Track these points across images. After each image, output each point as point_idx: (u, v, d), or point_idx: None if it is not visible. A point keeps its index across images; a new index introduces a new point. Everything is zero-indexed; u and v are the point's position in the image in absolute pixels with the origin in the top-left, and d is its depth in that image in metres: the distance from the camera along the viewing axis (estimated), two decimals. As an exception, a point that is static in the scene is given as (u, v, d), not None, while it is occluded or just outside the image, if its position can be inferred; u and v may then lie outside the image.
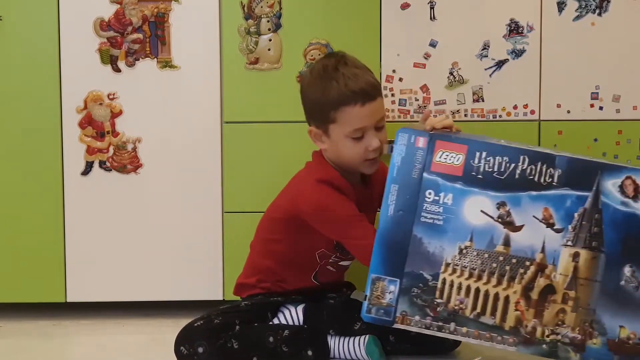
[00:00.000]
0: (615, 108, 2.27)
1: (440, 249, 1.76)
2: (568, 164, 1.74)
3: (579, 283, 1.74)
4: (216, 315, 1.94)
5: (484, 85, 2.26)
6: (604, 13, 2.25)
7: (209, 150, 2.28)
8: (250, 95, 2.25)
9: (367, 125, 1.93)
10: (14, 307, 2.35)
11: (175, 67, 2.26)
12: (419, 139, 1.78)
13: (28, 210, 2.27)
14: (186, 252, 2.30)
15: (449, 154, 1.77)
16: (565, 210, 1.74)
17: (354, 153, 1.95)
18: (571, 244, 1.74)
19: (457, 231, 1.76)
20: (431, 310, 1.77)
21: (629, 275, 1.74)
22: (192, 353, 1.89)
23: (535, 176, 1.75)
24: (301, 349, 1.93)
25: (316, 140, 2.01)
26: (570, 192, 1.74)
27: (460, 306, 1.76)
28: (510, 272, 1.75)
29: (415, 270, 1.77)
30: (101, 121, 2.26)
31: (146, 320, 2.32)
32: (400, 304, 1.77)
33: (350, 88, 1.91)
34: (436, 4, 2.25)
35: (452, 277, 1.76)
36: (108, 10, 2.24)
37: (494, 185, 1.75)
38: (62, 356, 2.13)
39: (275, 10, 2.24)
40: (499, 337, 1.76)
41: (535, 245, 1.75)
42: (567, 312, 1.75)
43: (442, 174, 1.76)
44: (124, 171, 2.28)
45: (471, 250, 1.76)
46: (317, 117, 1.98)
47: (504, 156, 1.75)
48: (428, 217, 1.77)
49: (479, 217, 1.76)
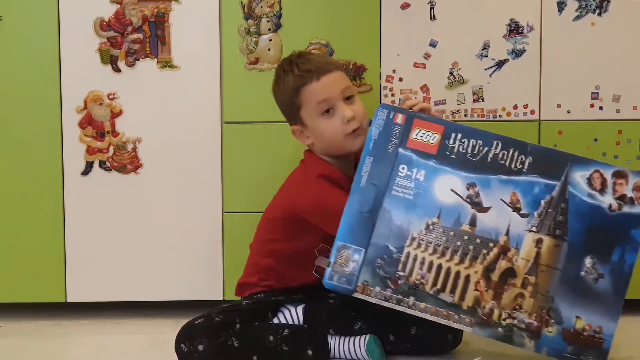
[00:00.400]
0: (615, 108, 2.27)
1: (408, 222, 1.81)
2: (539, 152, 1.80)
3: (540, 269, 1.78)
4: (217, 314, 1.94)
5: (484, 85, 2.27)
6: (604, 13, 2.25)
7: (209, 150, 2.28)
8: (250, 95, 2.25)
9: (330, 97, 1.98)
10: (14, 307, 2.35)
11: (175, 67, 2.26)
12: (397, 115, 1.84)
13: (28, 210, 2.27)
14: (186, 252, 2.30)
15: (425, 132, 1.82)
16: (532, 197, 1.79)
17: (332, 129, 1.98)
18: (535, 230, 1.79)
19: (426, 207, 1.81)
20: (392, 283, 1.81)
21: (590, 267, 1.78)
22: (193, 351, 1.89)
23: (507, 161, 1.80)
24: (301, 348, 1.93)
25: (300, 138, 2.05)
26: (539, 179, 1.79)
27: (421, 281, 1.80)
28: (473, 252, 1.80)
29: (381, 242, 1.81)
30: (101, 121, 2.26)
31: (146, 320, 2.32)
32: (362, 273, 1.81)
33: (302, 69, 1.99)
34: (436, 4, 2.25)
35: (416, 251, 1.81)
36: (108, 10, 2.24)
37: (466, 166, 1.81)
38: (62, 356, 2.13)
39: (275, 10, 2.24)
40: (456, 316, 1.80)
41: (500, 227, 1.79)
42: (525, 297, 1.78)
43: (417, 151, 1.82)
44: (124, 171, 2.28)
45: (437, 227, 1.80)
46: (290, 112, 2.04)
47: (479, 139, 1.82)
48: (399, 191, 1.81)
49: (449, 195, 1.81)
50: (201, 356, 1.89)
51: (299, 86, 1.98)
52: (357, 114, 1.99)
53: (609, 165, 1.81)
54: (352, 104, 2.00)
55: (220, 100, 2.27)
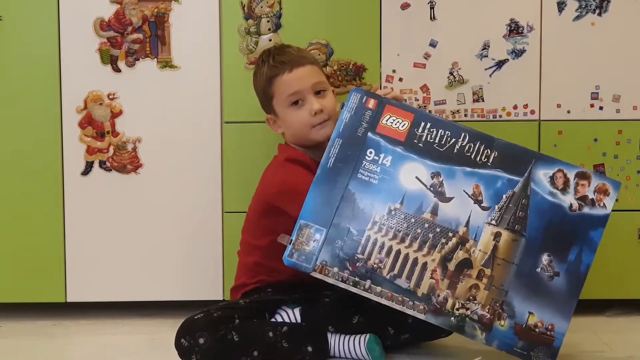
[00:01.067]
0: (615, 108, 2.27)
1: (371, 206, 1.83)
2: (505, 148, 1.83)
3: (496, 262, 1.81)
4: (215, 310, 1.95)
5: (484, 85, 2.27)
6: (604, 13, 2.25)
7: (209, 150, 2.28)
8: (250, 95, 2.25)
9: (300, 89, 2.04)
10: (14, 307, 2.35)
11: (175, 67, 2.26)
12: (370, 100, 1.86)
13: (28, 210, 2.27)
14: (186, 252, 2.30)
15: (396, 119, 1.85)
16: (494, 190, 1.82)
17: (300, 120, 2.04)
18: (495, 223, 1.81)
19: (389, 192, 1.83)
20: (350, 265, 1.82)
21: (546, 264, 1.80)
22: (193, 345, 1.89)
23: (473, 154, 1.83)
24: (301, 344, 1.93)
25: (273, 127, 2.11)
26: (503, 174, 1.82)
27: (379, 265, 1.82)
28: (432, 240, 1.82)
29: (343, 223, 1.83)
30: (101, 121, 2.26)
31: (146, 320, 2.32)
32: (322, 253, 1.83)
33: (277, 60, 2.05)
34: (436, 4, 2.25)
35: (376, 235, 1.83)
36: (108, 10, 2.24)
37: (432, 155, 1.83)
38: (62, 356, 2.13)
39: (275, 10, 2.24)
40: (410, 302, 1.81)
41: (461, 218, 1.82)
42: (479, 289, 1.80)
43: (386, 137, 1.84)
44: (124, 171, 2.28)
45: (399, 213, 1.82)
46: (264, 101, 2.10)
47: (447, 130, 1.84)
48: (365, 175, 1.83)
49: (413, 182, 1.83)
50: (202, 349, 1.89)
51: (272, 76, 2.05)
52: (326, 107, 2.05)
53: (572, 166, 1.82)
54: (323, 98, 2.06)
55: (220, 100, 2.27)
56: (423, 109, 2.26)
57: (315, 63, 2.10)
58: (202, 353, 1.89)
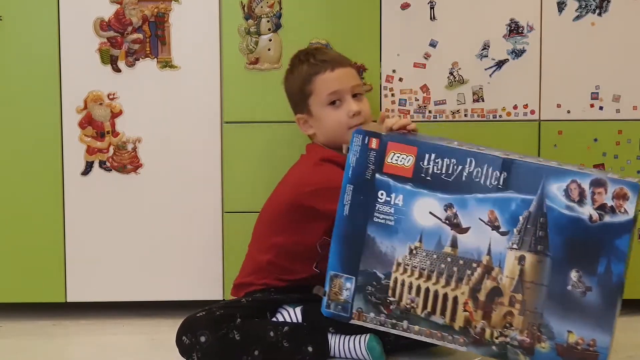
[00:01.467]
0: (615, 108, 2.27)
1: (392, 248, 1.80)
2: (513, 167, 1.75)
3: (526, 286, 1.75)
4: (218, 308, 1.96)
5: (484, 85, 2.26)
6: (604, 13, 2.25)
7: (209, 150, 2.28)
8: (250, 95, 2.25)
9: (341, 89, 2.05)
10: (14, 307, 2.35)
11: (175, 67, 2.26)
12: (372, 140, 1.82)
13: (28, 210, 2.27)
14: (186, 252, 2.30)
15: (400, 156, 1.81)
16: (510, 213, 1.75)
17: (336, 121, 2.04)
18: (517, 247, 1.75)
19: (407, 232, 1.80)
20: (385, 308, 1.81)
21: (576, 280, 1.73)
22: (195, 342, 1.89)
23: (482, 179, 1.77)
24: (302, 344, 1.94)
25: (304, 127, 2.11)
26: (515, 195, 1.75)
27: (411, 305, 1.80)
28: (458, 273, 1.78)
29: (369, 269, 1.81)
30: (101, 121, 2.26)
31: (146, 320, 2.32)
32: (356, 300, 1.82)
33: (319, 58, 2.07)
34: (436, 4, 2.25)
35: (403, 276, 1.80)
36: (108, 10, 2.24)
37: (442, 187, 1.78)
38: (62, 356, 2.13)
39: (275, 10, 2.24)
40: (449, 337, 1.79)
41: (482, 247, 1.77)
42: (514, 315, 1.76)
43: (394, 175, 1.80)
44: (124, 171, 2.28)
45: (421, 251, 1.79)
46: (298, 99, 2.10)
47: (452, 158, 1.78)
48: (380, 218, 1.81)
49: (428, 218, 1.79)
50: (203, 348, 1.89)
51: (313, 74, 2.06)
52: (363, 111, 2.06)
53: (585, 174, 1.72)
54: (360, 101, 2.07)
55: (220, 100, 2.27)
56: (423, 108, 2.26)
57: (353, 67, 2.13)
58: (203, 351, 1.89)
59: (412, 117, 2.27)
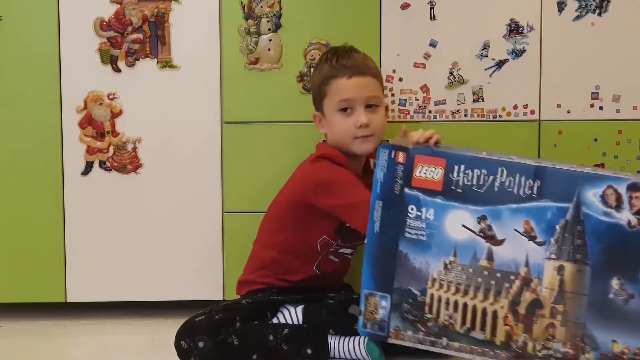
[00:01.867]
0: (615, 108, 2.27)
1: (426, 264, 1.77)
2: (547, 175, 1.71)
3: (566, 297, 1.71)
4: (217, 312, 1.95)
5: (484, 85, 2.26)
6: (604, 13, 2.25)
7: (209, 150, 2.27)
8: (250, 95, 2.25)
9: (353, 98, 2.02)
10: (14, 307, 2.35)
11: (175, 67, 2.26)
12: (399, 154, 1.79)
13: (28, 210, 2.27)
14: (186, 252, 2.30)
15: (428, 169, 1.77)
16: (546, 223, 1.71)
17: (344, 128, 2.03)
18: (555, 257, 1.71)
19: (440, 246, 1.76)
20: (422, 326, 1.78)
21: (617, 288, 1.69)
22: (192, 347, 1.89)
23: (514, 188, 1.72)
24: (301, 347, 1.93)
25: (318, 125, 2.11)
26: (551, 203, 1.71)
27: (449, 321, 1.77)
28: (495, 287, 1.74)
29: (404, 286, 1.78)
30: (101, 121, 2.26)
31: (146, 320, 2.32)
32: (392, 319, 1.79)
33: (341, 63, 2.04)
34: (436, 3, 2.24)
35: (439, 292, 1.77)
36: (108, 10, 2.24)
37: (473, 198, 1.74)
38: (62, 356, 2.13)
39: (275, 10, 2.24)
40: (491, 352, 1.75)
41: (519, 258, 1.73)
42: (556, 327, 1.72)
43: (423, 189, 1.77)
44: (124, 171, 2.28)
45: (455, 265, 1.76)
46: (316, 97, 2.10)
47: (482, 169, 1.74)
48: (412, 233, 1.77)
49: (461, 231, 1.75)
50: (201, 353, 1.89)
51: (330, 77, 2.05)
52: (373, 123, 2.03)
53: (622, 179, 1.68)
54: (373, 113, 2.04)
55: (220, 100, 2.27)
56: (423, 108, 2.26)
57: (377, 76, 2.09)
58: (201, 356, 1.89)
59: (412, 117, 2.27)
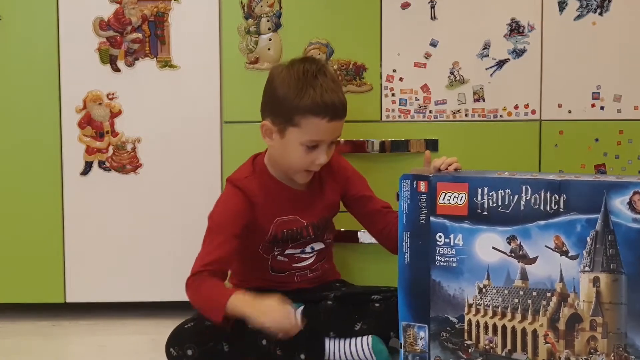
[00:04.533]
0: (616, 108, 2.26)
1: (460, 290, 1.76)
2: (572, 188, 1.70)
3: (604, 308, 1.70)
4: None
5: (484, 85, 2.26)
6: (605, 13, 2.24)
7: (209, 150, 2.27)
8: (250, 95, 2.24)
9: (324, 140, 1.95)
10: (14, 307, 2.35)
11: (175, 67, 2.25)
12: (420, 184, 1.78)
13: (27, 210, 2.27)
14: (186, 252, 2.28)
15: (452, 195, 1.76)
16: (576, 236, 1.70)
17: (300, 161, 1.96)
18: (589, 269, 1.70)
19: (473, 271, 1.75)
20: (463, 353, 1.77)
21: None
22: (182, 355, 1.89)
23: (541, 205, 1.71)
24: (294, 352, 1.92)
25: (265, 136, 2.01)
26: (579, 216, 1.69)
27: (490, 345, 1.76)
28: (533, 306, 1.73)
29: (441, 315, 1.78)
30: (100, 121, 2.26)
31: (146, 320, 2.32)
32: (432, 349, 1.78)
33: (325, 100, 1.91)
34: (437, 3, 2.24)
35: (476, 317, 1.76)
36: (107, 9, 2.23)
37: (500, 220, 1.73)
38: (61, 356, 2.13)
39: (275, 9, 2.24)
40: None
41: (553, 275, 1.72)
42: (597, 339, 1.71)
43: (449, 216, 1.76)
44: (124, 171, 2.27)
45: (490, 289, 1.75)
46: (279, 114, 1.96)
47: (506, 189, 1.73)
48: (443, 261, 1.77)
49: (492, 254, 1.74)
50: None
51: (311, 113, 1.91)
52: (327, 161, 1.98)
53: None
54: (330, 149, 1.98)
55: (220, 100, 2.26)
56: (423, 108, 2.26)
57: (346, 114, 1.99)
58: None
59: (413, 117, 2.27)
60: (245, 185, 2.00)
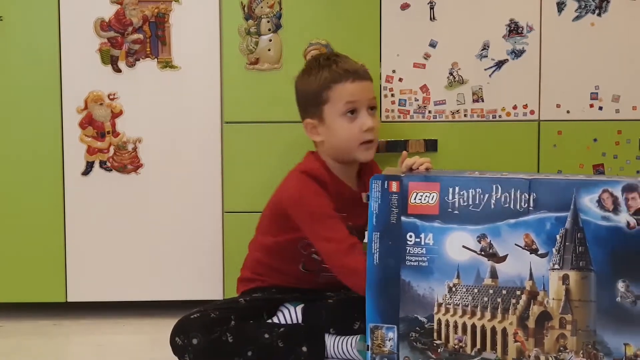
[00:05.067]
0: (614, 108, 2.27)
1: (430, 290, 1.75)
2: (541, 186, 1.71)
3: (574, 305, 1.70)
4: (213, 310, 1.95)
5: (483, 85, 2.27)
6: (603, 13, 2.25)
7: (209, 150, 2.28)
8: (250, 96, 2.26)
9: (359, 100, 2.00)
10: (14, 307, 2.35)
11: (176, 68, 2.26)
12: (391, 184, 1.78)
13: (29, 210, 2.27)
14: (186, 252, 2.30)
15: (423, 194, 1.76)
16: (546, 234, 1.70)
17: (349, 134, 2.00)
18: (558, 267, 1.71)
19: (443, 270, 1.75)
20: (432, 353, 1.76)
21: (624, 291, 1.69)
22: (187, 344, 1.90)
23: (511, 204, 1.72)
24: (296, 344, 1.93)
25: (311, 133, 2.05)
26: (548, 214, 1.70)
27: (460, 345, 1.76)
28: (502, 304, 1.73)
29: (410, 315, 1.77)
30: (102, 121, 2.26)
31: (146, 320, 2.32)
32: (401, 349, 1.77)
33: (342, 67, 2.01)
34: (436, 4, 2.25)
35: (446, 316, 1.76)
36: (108, 10, 2.24)
37: (471, 218, 1.74)
38: (62, 356, 2.13)
39: (275, 10, 2.25)
40: None
41: (523, 273, 1.72)
42: (567, 337, 1.71)
43: (420, 215, 1.76)
44: (125, 171, 2.28)
45: (460, 287, 1.75)
46: (311, 103, 2.03)
47: (477, 188, 1.74)
48: (413, 260, 1.76)
49: (462, 252, 1.74)
50: (195, 350, 1.89)
51: (333, 82, 2.00)
52: (375, 128, 2.02)
53: (616, 182, 1.68)
54: (373, 117, 2.03)
55: (220, 100, 2.27)
56: (423, 108, 2.26)
57: (372, 80, 2.08)
58: (195, 353, 1.89)
59: (412, 117, 2.27)
60: (318, 175, 2.02)
